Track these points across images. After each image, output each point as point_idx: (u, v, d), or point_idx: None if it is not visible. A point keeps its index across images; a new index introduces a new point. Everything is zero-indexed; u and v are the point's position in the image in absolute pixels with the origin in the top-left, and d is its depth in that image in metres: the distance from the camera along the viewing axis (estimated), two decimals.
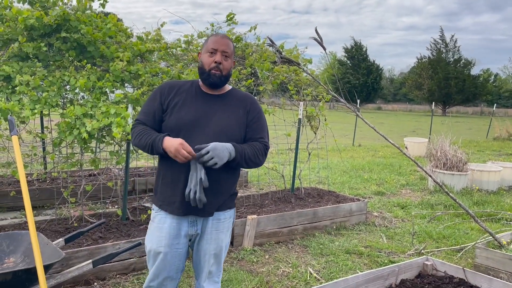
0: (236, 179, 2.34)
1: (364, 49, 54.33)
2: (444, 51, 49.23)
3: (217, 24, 5.67)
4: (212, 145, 2.05)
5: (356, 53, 54.01)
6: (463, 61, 48.44)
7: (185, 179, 2.14)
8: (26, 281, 2.49)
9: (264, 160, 2.26)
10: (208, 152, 2.02)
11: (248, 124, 2.27)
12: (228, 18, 5.54)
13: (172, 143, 2.06)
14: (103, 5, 4.64)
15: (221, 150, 2.05)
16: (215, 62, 2.18)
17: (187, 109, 2.20)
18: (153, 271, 2.28)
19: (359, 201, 5.54)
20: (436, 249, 4.55)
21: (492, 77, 57.32)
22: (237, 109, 2.27)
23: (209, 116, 2.20)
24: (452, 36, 50.48)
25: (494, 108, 22.62)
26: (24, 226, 3.97)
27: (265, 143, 2.27)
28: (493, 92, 54.45)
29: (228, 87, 2.36)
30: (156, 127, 2.24)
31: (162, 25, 5.17)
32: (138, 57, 4.69)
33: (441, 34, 49.70)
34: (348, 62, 54.72)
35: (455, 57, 48.88)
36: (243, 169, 2.39)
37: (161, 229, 2.24)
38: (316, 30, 3.62)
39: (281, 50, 3.60)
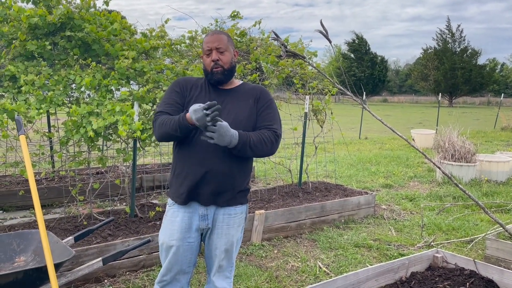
0: (247, 174, 2.35)
1: (365, 42, 53.92)
2: (450, 41, 48.76)
3: (221, 19, 5.66)
4: (219, 125, 2.01)
5: (359, 46, 53.66)
6: (469, 50, 47.95)
7: (195, 172, 2.20)
8: (37, 280, 2.50)
9: (275, 148, 2.24)
10: (214, 132, 1.99)
11: (258, 113, 2.29)
12: (232, 15, 5.54)
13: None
14: (106, 3, 4.63)
15: (224, 134, 2.02)
16: (213, 61, 2.24)
17: (201, 102, 2.22)
18: (166, 265, 2.31)
19: (367, 194, 5.52)
20: (446, 241, 4.53)
21: (499, 66, 56.75)
22: (248, 99, 2.30)
23: (221, 107, 2.22)
24: (459, 26, 50.00)
25: (501, 98, 22.44)
26: (33, 225, 4.00)
27: (274, 130, 2.24)
28: (500, 81, 53.95)
29: (238, 81, 2.40)
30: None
31: (166, 22, 5.15)
32: (143, 54, 4.69)
33: (447, 24, 49.30)
34: (352, 55, 54.38)
35: (461, 47, 48.39)
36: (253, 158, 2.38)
37: (173, 223, 2.28)
38: (321, 23, 3.58)
39: (286, 43, 3.56)
